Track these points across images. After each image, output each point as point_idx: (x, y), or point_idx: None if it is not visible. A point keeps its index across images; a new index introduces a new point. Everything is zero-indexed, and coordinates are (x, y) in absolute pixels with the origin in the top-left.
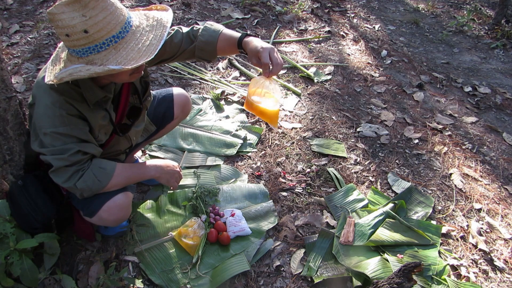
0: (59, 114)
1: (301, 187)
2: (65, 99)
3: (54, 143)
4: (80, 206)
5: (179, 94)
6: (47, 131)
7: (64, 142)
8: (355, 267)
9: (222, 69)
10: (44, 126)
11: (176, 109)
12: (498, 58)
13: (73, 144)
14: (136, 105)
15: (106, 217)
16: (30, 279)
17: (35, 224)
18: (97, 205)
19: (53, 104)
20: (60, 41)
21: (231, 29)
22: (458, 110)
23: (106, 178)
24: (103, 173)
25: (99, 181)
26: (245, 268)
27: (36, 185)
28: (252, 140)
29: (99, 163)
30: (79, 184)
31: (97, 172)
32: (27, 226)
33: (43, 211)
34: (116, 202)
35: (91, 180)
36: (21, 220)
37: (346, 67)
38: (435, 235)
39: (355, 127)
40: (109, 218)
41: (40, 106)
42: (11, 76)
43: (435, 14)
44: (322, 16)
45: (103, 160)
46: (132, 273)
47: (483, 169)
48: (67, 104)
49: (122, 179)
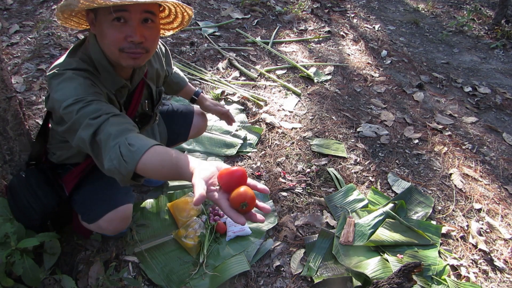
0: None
1: (301, 187)
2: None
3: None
4: (81, 211)
5: (198, 117)
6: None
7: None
8: (355, 267)
9: (222, 69)
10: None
11: (192, 131)
12: (498, 58)
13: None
14: (147, 113)
15: (106, 227)
16: (32, 278)
17: (34, 215)
18: (98, 214)
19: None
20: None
21: (231, 29)
22: (458, 110)
23: (132, 159)
24: (130, 152)
25: (125, 162)
26: (245, 268)
27: (38, 177)
28: (252, 140)
29: (130, 138)
30: (106, 164)
31: (124, 150)
32: (25, 218)
33: (43, 202)
34: (117, 213)
35: (117, 159)
36: (19, 212)
37: (346, 67)
38: (435, 235)
39: (355, 127)
40: (109, 228)
41: (59, 84)
42: (11, 76)
43: (435, 14)
44: (322, 16)
45: (140, 135)
46: (132, 273)
47: (483, 169)
48: (89, 80)
49: (154, 167)
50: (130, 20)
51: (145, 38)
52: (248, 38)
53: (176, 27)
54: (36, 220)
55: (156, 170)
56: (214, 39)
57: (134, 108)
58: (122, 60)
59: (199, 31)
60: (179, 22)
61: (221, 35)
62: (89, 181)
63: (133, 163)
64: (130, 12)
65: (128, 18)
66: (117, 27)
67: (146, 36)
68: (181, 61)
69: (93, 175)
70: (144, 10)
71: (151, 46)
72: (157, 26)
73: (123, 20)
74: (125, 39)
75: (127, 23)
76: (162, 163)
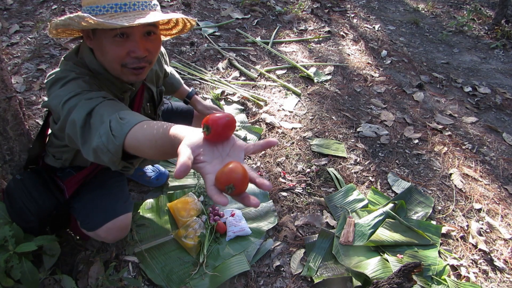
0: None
1: (301, 187)
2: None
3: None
4: (80, 218)
5: (198, 116)
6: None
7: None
8: (355, 267)
9: (222, 69)
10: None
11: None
12: (498, 58)
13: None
14: (150, 116)
15: (104, 236)
16: (31, 281)
17: (30, 218)
18: (97, 224)
19: (78, 75)
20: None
21: (231, 29)
22: (458, 110)
23: (121, 131)
24: (119, 124)
25: (113, 137)
26: (245, 268)
27: (34, 179)
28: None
29: (123, 113)
30: (95, 141)
31: (114, 123)
32: (22, 221)
33: (39, 203)
34: (116, 224)
35: (106, 135)
36: (15, 214)
37: (346, 67)
38: (435, 235)
39: (355, 127)
40: (108, 237)
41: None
42: (11, 76)
43: (435, 14)
44: (322, 16)
45: (135, 112)
46: (132, 273)
47: (483, 169)
48: (96, 83)
49: (146, 141)
50: (132, 35)
51: (149, 51)
52: (248, 38)
53: (174, 34)
54: (33, 222)
55: (149, 144)
56: (214, 39)
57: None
58: (123, 76)
59: (199, 31)
60: (178, 29)
61: (221, 35)
62: (89, 188)
63: (122, 135)
64: (133, 27)
65: (130, 33)
66: (119, 43)
67: (149, 49)
68: (181, 61)
69: (94, 183)
70: (147, 24)
71: (154, 58)
72: (159, 37)
73: (125, 35)
74: (128, 55)
75: (129, 37)
76: (155, 137)
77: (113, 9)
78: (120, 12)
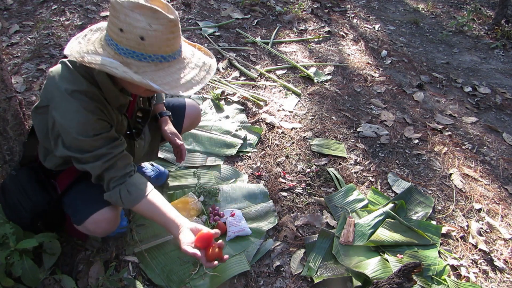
0: (92, 120)
1: (301, 187)
2: (96, 105)
3: (84, 148)
4: (69, 212)
5: (191, 107)
6: (79, 137)
7: (95, 147)
8: (355, 267)
9: (222, 69)
10: (75, 132)
11: (186, 122)
12: (498, 58)
13: (104, 149)
14: (145, 108)
15: (93, 229)
16: (31, 278)
17: (23, 214)
18: (83, 215)
19: (85, 109)
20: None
21: (231, 29)
22: (458, 110)
23: (129, 204)
24: (127, 197)
25: (123, 203)
26: (245, 268)
27: (29, 175)
28: (252, 140)
29: (132, 182)
30: (106, 196)
31: (124, 194)
32: (16, 217)
33: (32, 199)
34: (103, 215)
35: (116, 199)
36: (10, 211)
37: (346, 67)
38: (435, 235)
39: (355, 127)
40: (96, 230)
41: (67, 111)
42: (11, 76)
43: (435, 14)
44: (322, 16)
45: (138, 181)
46: (132, 273)
47: (483, 169)
48: (98, 109)
49: (145, 213)
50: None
51: None
52: (248, 38)
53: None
54: (26, 219)
55: (149, 217)
56: (214, 39)
57: (132, 108)
58: (140, 93)
59: (199, 31)
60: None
61: (221, 35)
62: (78, 181)
63: (129, 207)
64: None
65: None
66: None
67: None
68: None
69: (85, 177)
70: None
71: None
72: None
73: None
74: (145, 91)
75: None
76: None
77: (159, 59)
78: (164, 63)
